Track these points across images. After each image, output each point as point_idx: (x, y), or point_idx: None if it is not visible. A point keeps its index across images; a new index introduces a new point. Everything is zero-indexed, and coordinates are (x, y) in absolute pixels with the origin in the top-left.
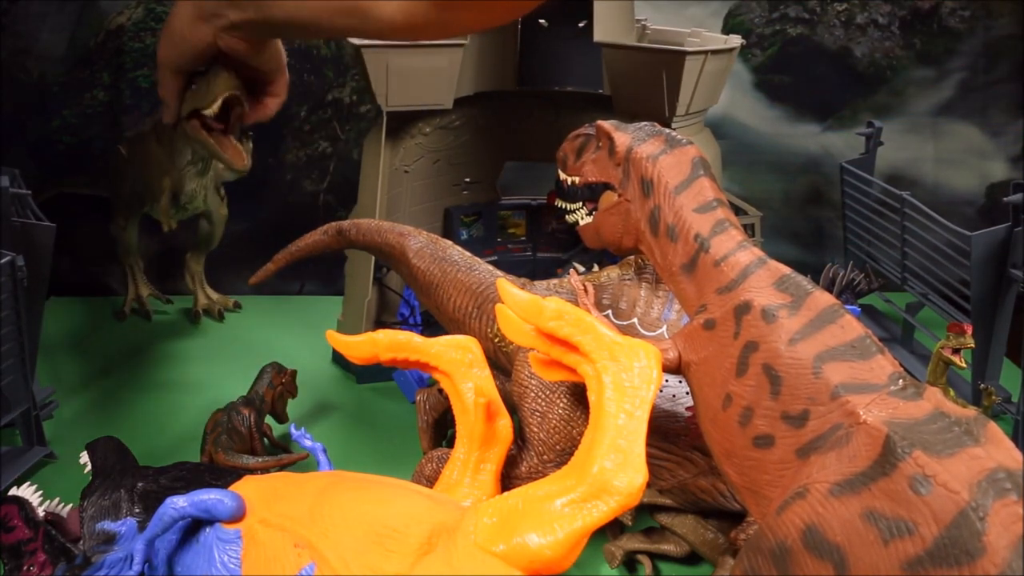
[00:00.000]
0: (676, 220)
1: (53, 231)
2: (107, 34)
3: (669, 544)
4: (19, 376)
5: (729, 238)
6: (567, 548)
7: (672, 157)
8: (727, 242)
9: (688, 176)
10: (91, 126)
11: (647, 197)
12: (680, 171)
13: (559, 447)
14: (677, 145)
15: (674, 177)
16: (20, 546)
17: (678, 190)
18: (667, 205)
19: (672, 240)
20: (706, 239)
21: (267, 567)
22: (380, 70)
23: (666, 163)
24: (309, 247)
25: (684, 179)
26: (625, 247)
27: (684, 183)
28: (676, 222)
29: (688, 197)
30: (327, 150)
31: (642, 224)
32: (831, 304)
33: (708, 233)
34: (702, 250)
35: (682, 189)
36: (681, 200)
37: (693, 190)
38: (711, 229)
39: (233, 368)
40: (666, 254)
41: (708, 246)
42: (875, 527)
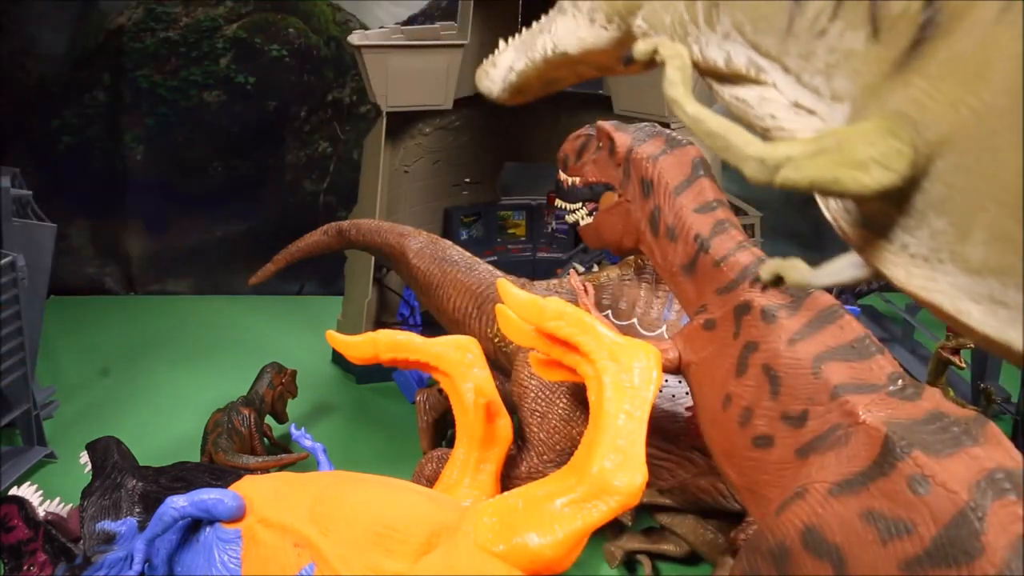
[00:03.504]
0: (676, 220)
1: (54, 231)
2: (107, 34)
3: (669, 544)
4: (20, 376)
5: (729, 238)
6: (567, 548)
7: (672, 158)
8: (727, 242)
9: (688, 177)
10: (91, 126)
11: (647, 197)
12: (680, 172)
13: (559, 447)
14: (677, 146)
15: (674, 178)
16: (20, 546)
17: (678, 190)
18: (667, 205)
19: (672, 240)
20: (706, 239)
21: (267, 567)
22: (380, 70)
23: (666, 164)
24: (309, 247)
25: (684, 180)
26: (625, 247)
27: (684, 184)
28: (676, 222)
29: (688, 198)
30: (327, 150)
31: (642, 224)
32: (831, 304)
33: (708, 233)
34: (702, 250)
35: (682, 190)
36: (681, 200)
37: (693, 191)
38: (711, 229)
39: (233, 368)
40: (666, 254)
41: (708, 246)
42: (874, 527)
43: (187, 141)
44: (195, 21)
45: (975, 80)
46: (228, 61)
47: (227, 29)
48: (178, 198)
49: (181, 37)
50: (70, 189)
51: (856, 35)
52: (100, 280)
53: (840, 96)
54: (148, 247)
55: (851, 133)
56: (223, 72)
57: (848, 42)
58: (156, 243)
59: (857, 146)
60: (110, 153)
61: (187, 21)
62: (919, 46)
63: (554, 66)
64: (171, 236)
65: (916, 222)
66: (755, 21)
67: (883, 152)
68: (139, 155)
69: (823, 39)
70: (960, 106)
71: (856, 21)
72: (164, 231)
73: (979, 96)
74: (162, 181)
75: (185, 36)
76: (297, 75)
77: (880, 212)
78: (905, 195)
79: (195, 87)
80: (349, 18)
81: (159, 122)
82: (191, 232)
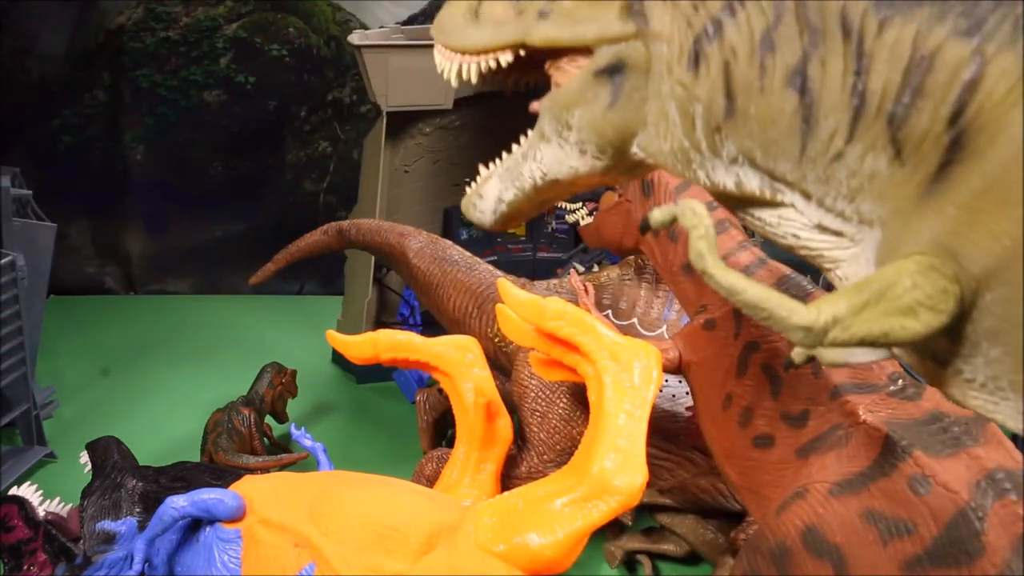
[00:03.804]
0: None
1: (53, 231)
2: (107, 34)
3: (669, 544)
4: (20, 376)
5: (729, 238)
6: (567, 548)
7: None
8: (727, 242)
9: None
10: (91, 126)
11: (648, 197)
12: None
13: (559, 447)
14: None
15: (675, 178)
16: (20, 546)
17: (679, 190)
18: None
19: (672, 240)
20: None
21: (267, 567)
22: (380, 70)
23: None
24: (309, 247)
25: (685, 180)
26: (625, 247)
27: (685, 184)
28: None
29: (689, 197)
30: (327, 150)
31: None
32: None
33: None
34: None
35: (683, 189)
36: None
37: (694, 190)
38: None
39: (233, 368)
40: (666, 254)
41: None
42: (874, 527)
43: (187, 141)
44: (195, 21)
45: (1015, 207)
46: (228, 61)
47: (227, 29)
48: (178, 198)
49: (181, 37)
50: (70, 189)
51: (878, 158)
52: (100, 280)
53: (868, 220)
54: (148, 247)
55: (893, 276)
56: (223, 72)
57: (870, 165)
58: (156, 243)
59: (902, 291)
60: (110, 153)
61: (187, 21)
62: (948, 168)
63: (545, 191)
64: (171, 236)
65: (969, 350)
66: (765, 147)
67: (929, 294)
68: (139, 155)
69: (841, 162)
70: (1003, 237)
71: (875, 143)
72: (164, 231)
73: (1020, 224)
74: (162, 181)
75: (185, 36)
76: (297, 75)
77: (931, 341)
78: (955, 327)
79: (195, 87)
80: (349, 18)
81: (159, 122)
82: (191, 232)
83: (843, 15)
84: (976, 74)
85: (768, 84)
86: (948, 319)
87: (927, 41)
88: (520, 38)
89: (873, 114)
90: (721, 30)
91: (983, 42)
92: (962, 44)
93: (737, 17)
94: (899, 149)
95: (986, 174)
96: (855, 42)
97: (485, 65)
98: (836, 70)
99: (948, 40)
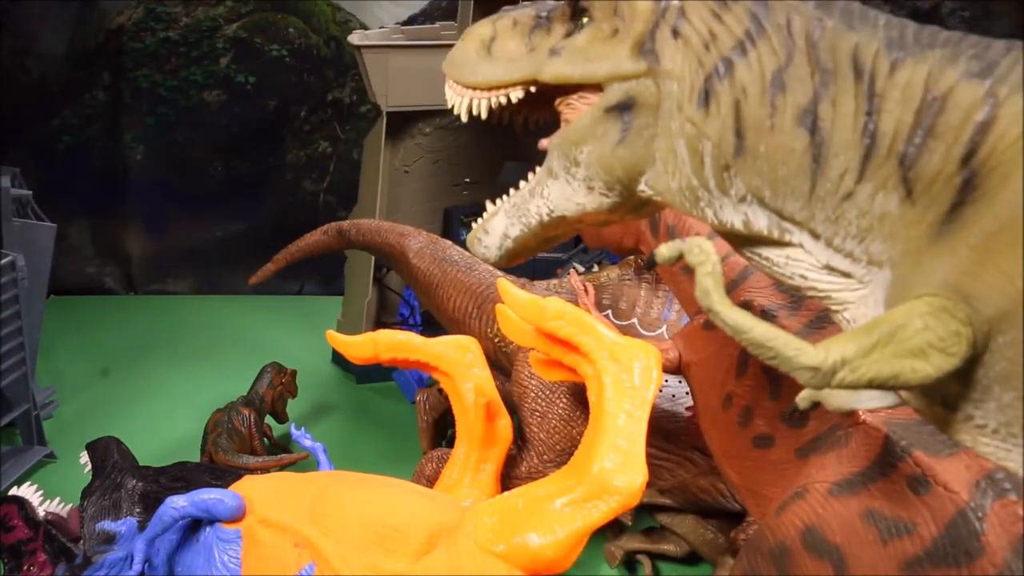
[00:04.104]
0: (677, 220)
1: (53, 231)
2: (107, 34)
3: (669, 544)
4: (20, 376)
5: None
6: (567, 548)
7: None
8: (725, 245)
9: None
10: (91, 126)
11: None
12: None
13: (559, 447)
14: None
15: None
16: (20, 546)
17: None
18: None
19: (673, 240)
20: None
21: (267, 567)
22: (380, 70)
23: None
24: (309, 247)
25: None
26: (625, 247)
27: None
28: (677, 222)
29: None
30: (327, 150)
31: (642, 224)
32: None
33: (708, 233)
34: None
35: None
36: None
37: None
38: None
39: (233, 368)
40: None
41: None
42: (874, 527)
43: (187, 141)
44: (195, 21)
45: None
46: (228, 61)
47: (227, 29)
48: (178, 198)
49: (181, 37)
50: (70, 189)
51: (889, 198)
52: (100, 280)
53: (878, 260)
54: (148, 247)
55: (903, 318)
56: (223, 72)
57: (880, 205)
58: (156, 243)
59: (913, 333)
60: (110, 153)
61: (187, 21)
62: (960, 209)
63: (552, 228)
64: (171, 236)
65: (981, 395)
66: (774, 185)
67: (941, 336)
68: (139, 155)
69: (852, 202)
70: (1016, 278)
71: (886, 183)
72: (164, 231)
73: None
74: (162, 181)
75: (185, 36)
76: (297, 75)
77: (941, 385)
78: (967, 370)
79: (195, 87)
80: (349, 18)
81: (159, 122)
82: (191, 232)
83: (855, 56)
84: (989, 116)
85: (779, 123)
86: (960, 362)
87: (939, 83)
88: (532, 75)
89: (884, 154)
90: (732, 69)
91: (995, 84)
92: (975, 86)
93: (748, 57)
94: (910, 189)
95: (999, 215)
96: (867, 83)
97: (496, 101)
98: (847, 110)
99: (960, 82)
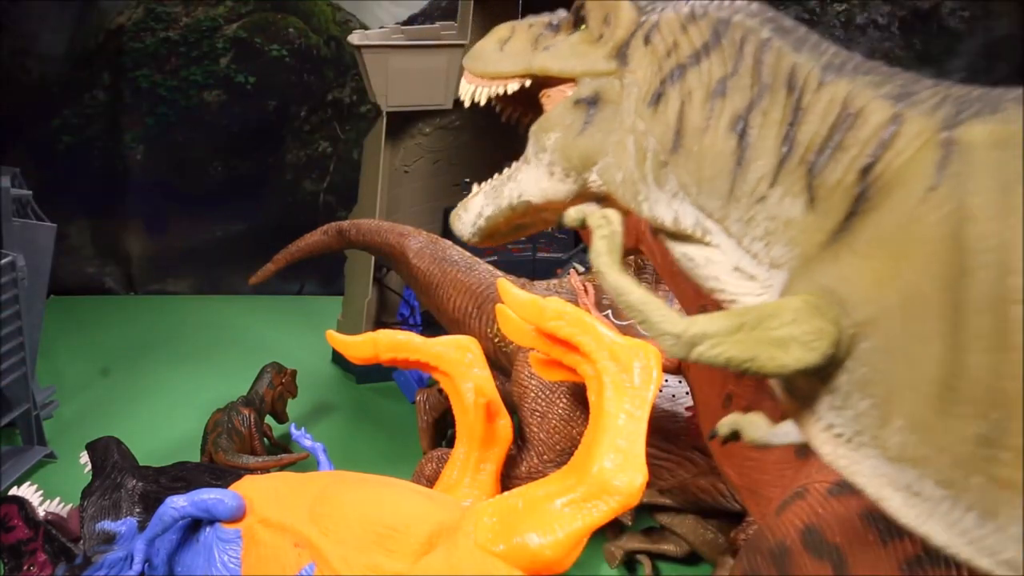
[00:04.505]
0: None
1: (53, 231)
2: (107, 34)
3: (669, 544)
4: (20, 376)
5: None
6: (567, 548)
7: None
8: None
9: None
10: (91, 126)
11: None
12: None
13: (559, 447)
14: None
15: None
16: (20, 546)
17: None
18: None
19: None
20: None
21: (267, 567)
22: (380, 70)
23: None
24: (309, 247)
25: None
26: (626, 247)
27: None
28: None
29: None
30: (327, 150)
31: (642, 224)
32: None
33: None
34: None
35: None
36: None
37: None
38: None
39: (233, 368)
40: (666, 254)
41: None
42: (874, 527)
43: (187, 141)
44: (195, 21)
45: (899, 260)
46: (228, 61)
47: (227, 29)
48: (178, 198)
49: (181, 37)
50: (70, 189)
51: (795, 203)
52: (100, 280)
53: (779, 263)
54: (148, 247)
55: (774, 309)
56: (223, 72)
57: (787, 210)
58: (156, 243)
59: (780, 324)
60: (110, 153)
61: (187, 21)
62: (852, 219)
63: (520, 214)
64: (171, 236)
65: (841, 402)
66: (700, 183)
67: (806, 331)
68: (139, 155)
69: (763, 205)
70: (885, 287)
71: (794, 189)
72: (164, 231)
73: (903, 277)
74: (162, 181)
75: (185, 36)
76: (297, 75)
77: (807, 386)
78: (831, 373)
79: (195, 87)
80: (349, 18)
81: (159, 122)
82: (191, 232)
83: (791, 74)
84: (892, 134)
85: (713, 125)
86: (820, 359)
87: (856, 101)
88: (525, 67)
89: (797, 161)
90: (684, 74)
91: (906, 107)
92: (886, 106)
93: (701, 65)
94: (813, 196)
95: (880, 225)
96: (796, 97)
97: (494, 91)
98: (774, 119)
99: (874, 101)
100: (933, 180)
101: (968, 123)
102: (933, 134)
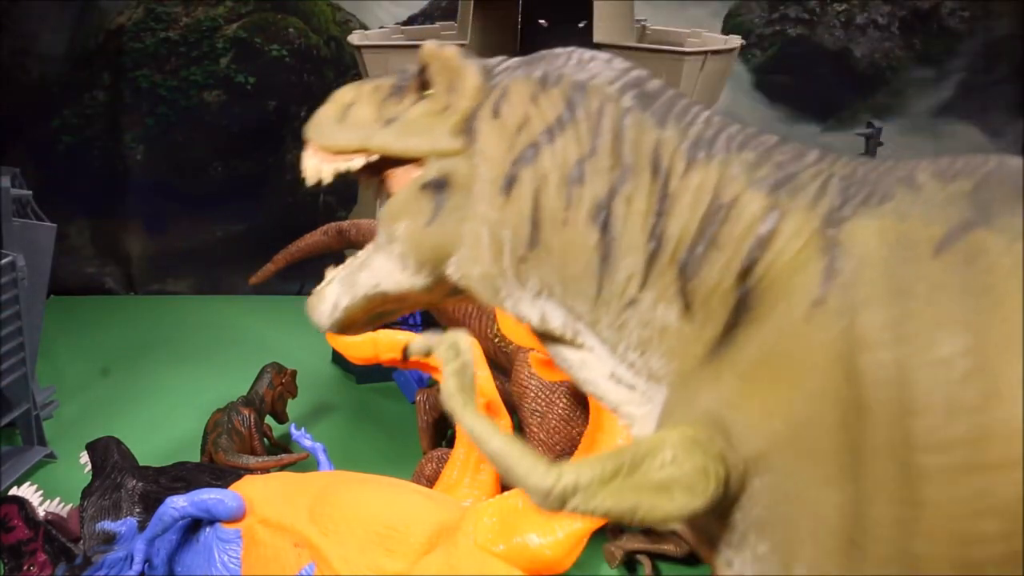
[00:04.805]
0: None
1: (53, 231)
2: (107, 34)
3: (669, 544)
4: (20, 376)
5: None
6: (567, 548)
7: None
8: None
9: None
10: (91, 126)
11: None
12: None
13: (559, 447)
14: None
15: None
16: (20, 546)
17: None
18: None
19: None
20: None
21: (267, 567)
22: (380, 70)
23: None
24: (309, 247)
25: None
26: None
27: None
28: None
29: None
30: None
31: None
32: None
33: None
34: None
35: None
36: None
37: None
38: None
39: (233, 368)
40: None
41: None
42: None
43: (187, 141)
44: (195, 21)
45: (787, 389)
46: (228, 61)
47: (227, 29)
48: (178, 198)
49: (181, 37)
50: (70, 189)
51: (669, 309)
52: (100, 280)
53: (657, 376)
54: (148, 247)
55: (651, 447)
56: (223, 72)
57: (661, 316)
58: (156, 243)
59: (658, 466)
60: (110, 153)
61: (187, 21)
62: (733, 331)
63: (377, 302)
64: (171, 236)
65: (738, 541)
66: (564, 282)
67: (687, 472)
68: (139, 155)
69: (635, 309)
70: (773, 418)
71: (667, 293)
72: (164, 231)
73: (792, 409)
74: (162, 181)
75: (185, 36)
76: (297, 75)
77: (703, 520)
78: (727, 508)
79: (195, 87)
80: (349, 18)
81: (159, 122)
82: (191, 232)
83: (655, 152)
84: (770, 230)
85: (572, 217)
86: (707, 503)
87: (728, 189)
88: (362, 144)
89: (667, 261)
90: (538, 155)
91: (785, 196)
92: (761, 196)
93: (555, 143)
94: (688, 302)
95: (764, 343)
96: (661, 181)
97: (338, 167)
98: (639, 208)
99: (748, 190)
100: (819, 292)
101: (854, 219)
102: (815, 233)
